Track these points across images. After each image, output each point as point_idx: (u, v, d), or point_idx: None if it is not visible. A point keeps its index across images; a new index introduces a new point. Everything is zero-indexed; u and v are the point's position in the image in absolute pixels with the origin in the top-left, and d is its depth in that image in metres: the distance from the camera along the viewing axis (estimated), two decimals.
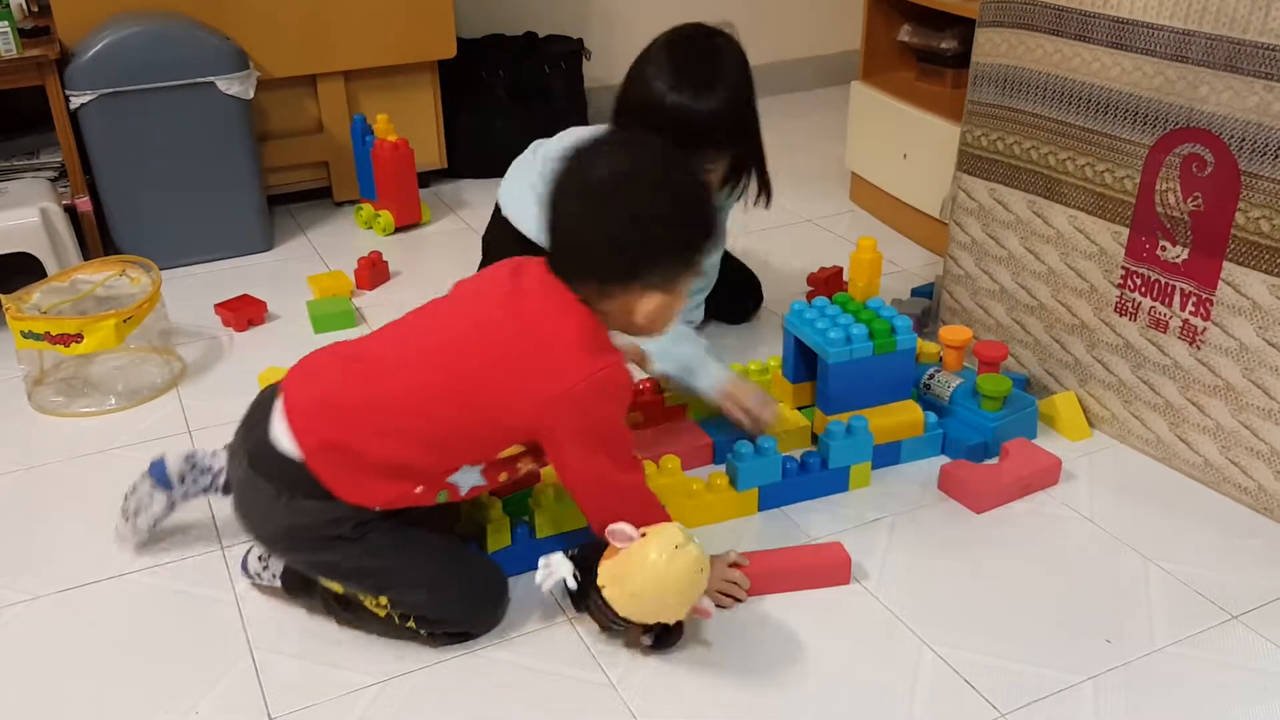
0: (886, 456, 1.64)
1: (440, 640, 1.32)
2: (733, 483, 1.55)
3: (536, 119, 2.85)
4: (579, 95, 3.01)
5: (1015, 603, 1.39)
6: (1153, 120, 1.54)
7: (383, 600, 1.30)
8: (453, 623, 1.32)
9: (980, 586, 1.42)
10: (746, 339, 2.04)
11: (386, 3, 2.55)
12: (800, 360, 1.72)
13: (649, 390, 1.73)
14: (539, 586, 1.26)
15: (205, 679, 1.28)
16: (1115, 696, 1.24)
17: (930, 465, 1.64)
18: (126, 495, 1.46)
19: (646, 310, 1.25)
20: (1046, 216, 1.72)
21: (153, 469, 1.44)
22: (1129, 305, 1.64)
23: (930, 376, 1.74)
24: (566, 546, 1.32)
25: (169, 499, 1.45)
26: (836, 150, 2.85)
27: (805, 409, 1.74)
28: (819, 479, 1.58)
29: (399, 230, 2.58)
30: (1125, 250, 1.62)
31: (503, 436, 1.27)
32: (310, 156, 2.64)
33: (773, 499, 1.56)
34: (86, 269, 1.97)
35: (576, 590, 1.28)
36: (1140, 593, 1.40)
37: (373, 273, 2.30)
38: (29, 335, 1.80)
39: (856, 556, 1.46)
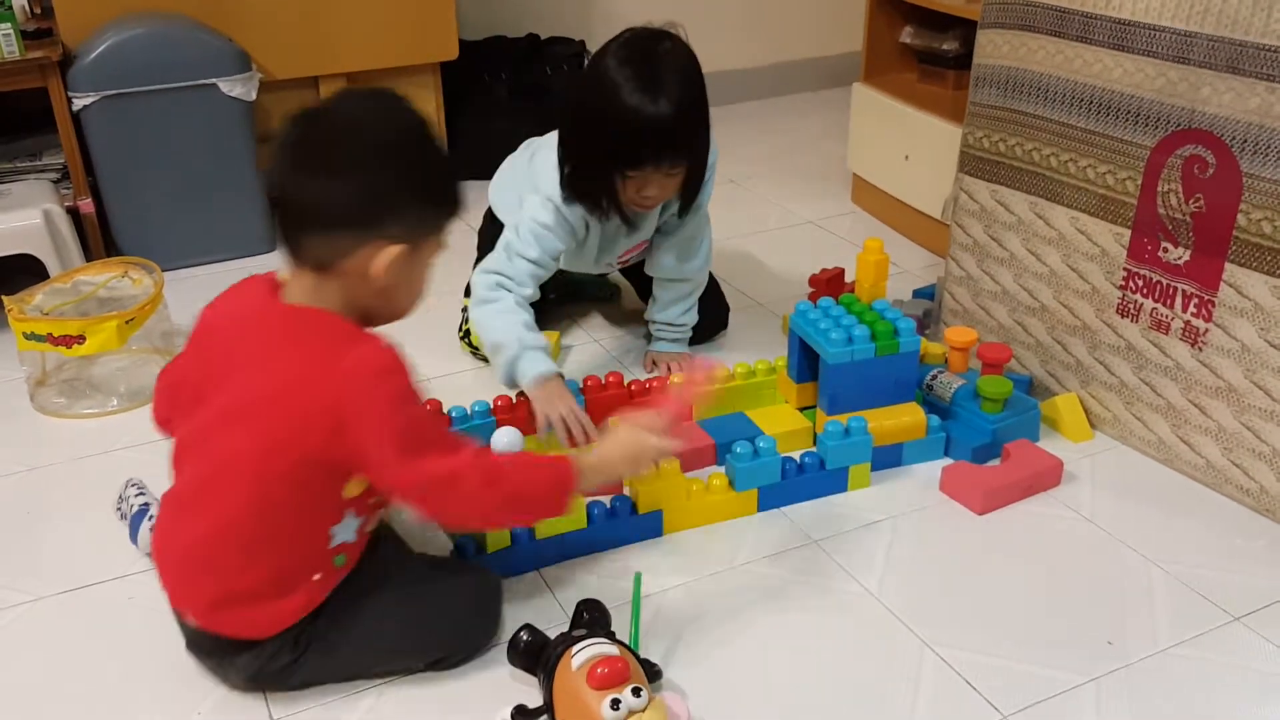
0: (889, 458, 1.64)
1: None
2: (732, 483, 1.55)
3: (538, 121, 2.84)
4: None
5: (1017, 604, 1.39)
6: (1154, 122, 1.54)
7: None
8: (452, 654, 1.28)
9: (982, 588, 1.42)
10: (751, 339, 2.03)
11: (388, 4, 2.55)
12: (804, 360, 1.72)
13: (655, 389, 1.73)
14: None
15: (207, 680, 1.28)
16: (1117, 698, 1.24)
17: (933, 467, 1.64)
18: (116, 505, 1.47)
19: (386, 263, 1.14)
20: (1048, 218, 1.72)
21: (134, 520, 1.45)
22: (1131, 307, 1.64)
23: (933, 378, 1.74)
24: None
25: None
26: (838, 151, 2.85)
27: (808, 409, 1.74)
28: (818, 480, 1.58)
29: None
30: (1127, 252, 1.62)
31: (323, 475, 1.17)
32: None
33: (772, 500, 1.56)
34: (89, 270, 1.97)
35: None
36: (1142, 594, 1.40)
37: None
38: (31, 336, 1.80)
39: (858, 558, 1.46)
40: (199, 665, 1.27)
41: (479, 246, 2.06)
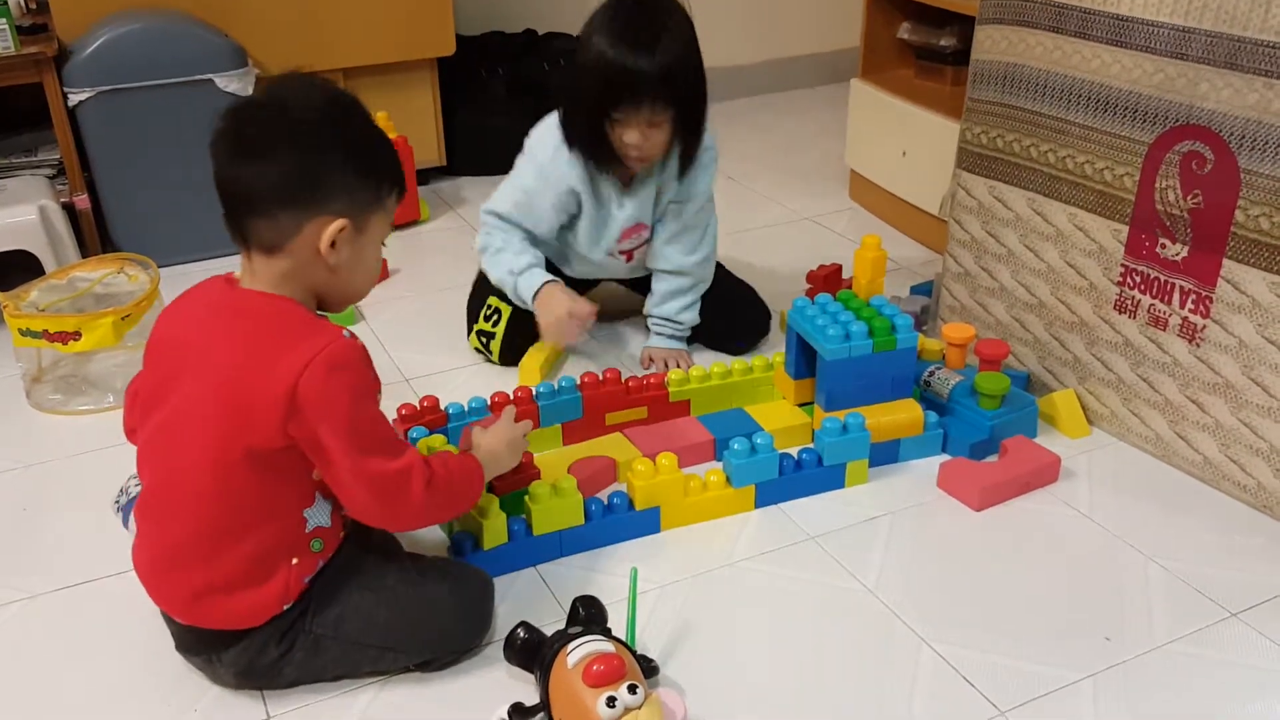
0: (887, 454, 1.64)
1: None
2: (729, 480, 1.54)
3: (536, 116, 2.84)
4: None
5: (1014, 600, 1.39)
6: (1152, 117, 1.54)
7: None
8: (440, 655, 1.28)
9: (979, 584, 1.42)
10: None
11: (385, 0, 2.55)
12: (802, 356, 1.72)
13: (653, 385, 1.73)
14: None
15: (204, 677, 1.28)
16: (1114, 694, 1.24)
17: (930, 463, 1.64)
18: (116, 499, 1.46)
19: (331, 238, 1.15)
20: (1046, 214, 1.72)
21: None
22: (1128, 303, 1.64)
23: (930, 374, 1.74)
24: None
25: None
26: (836, 147, 2.85)
27: (806, 405, 1.74)
28: (815, 476, 1.58)
29: (397, 228, 2.57)
30: (1125, 248, 1.62)
31: (285, 459, 1.16)
32: None
33: (769, 496, 1.56)
34: (85, 266, 1.97)
35: None
36: (1139, 590, 1.40)
37: None
38: (27, 333, 1.80)
39: (856, 555, 1.46)
40: (190, 665, 1.27)
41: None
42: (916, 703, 1.23)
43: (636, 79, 1.64)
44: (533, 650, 1.22)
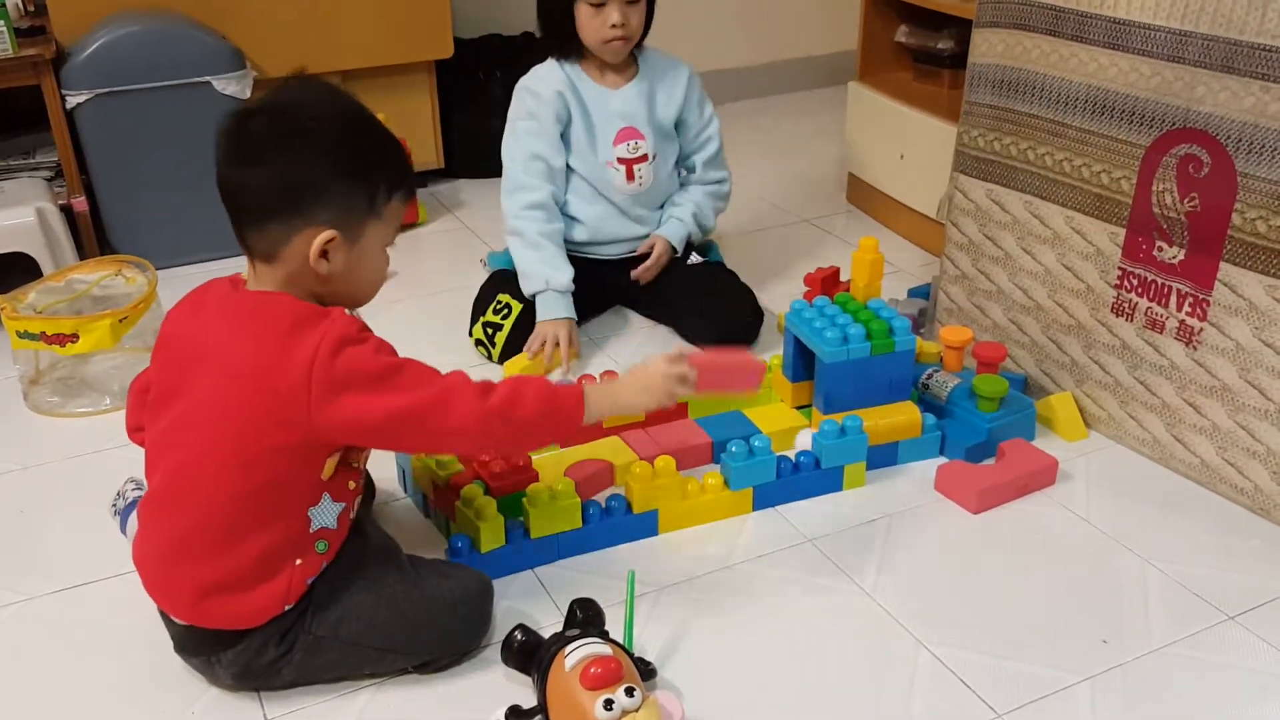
0: (885, 457, 1.64)
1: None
2: (727, 482, 1.54)
3: None
4: None
5: (1012, 603, 1.39)
6: (1149, 121, 1.54)
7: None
8: (439, 656, 1.28)
9: (977, 587, 1.42)
10: None
11: (383, 2, 2.55)
12: (799, 359, 1.72)
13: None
14: None
15: (201, 680, 1.28)
16: (1112, 697, 1.24)
17: (928, 466, 1.64)
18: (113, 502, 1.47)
19: (318, 250, 1.14)
20: (1043, 217, 1.72)
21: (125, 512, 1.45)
22: (1125, 306, 1.64)
23: (928, 377, 1.74)
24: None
25: None
26: (833, 150, 2.85)
27: (804, 408, 1.74)
28: (813, 479, 1.58)
29: None
30: (1122, 251, 1.62)
31: (294, 457, 1.17)
32: None
33: (767, 498, 1.56)
34: (82, 269, 1.97)
35: None
36: (1137, 593, 1.40)
37: None
38: (25, 335, 1.80)
39: (853, 557, 1.46)
40: (188, 667, 1.27)
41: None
42: (914, 705, 1.23)
43: None
44: (530, 652, 1.22)
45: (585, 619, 1.25)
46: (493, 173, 2.90)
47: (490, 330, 1.94)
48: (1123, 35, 1.55)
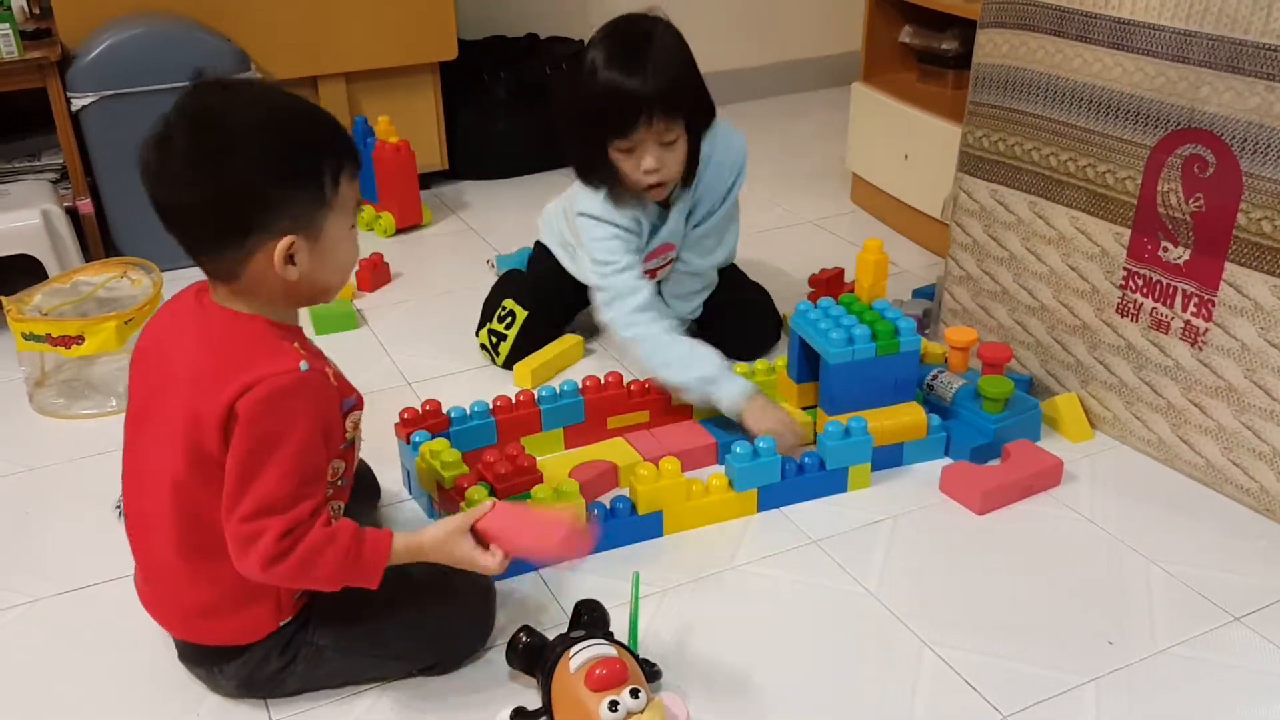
0: (890, 458, 1.64)
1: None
2: (731, 484, 1.54)
3: (537, 120, 2.85)
4: None
5: (1017, 604, 1.39)
6: (1154, 121, 1.54)
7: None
8: (444, 659, 1.28)
9: (982, 588, 1.42)
10: None
11: (388, 4, 2.55)
12: (804, 360, 1.72)
13: (655, 389, 1.73)
14: None
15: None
16: (1117, 698, 1.24)
17: (933, 467, 1.64)
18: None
19: (283, 260, 1.09)
20: (1048, 217, 1.72)
21: None
22: (1131, 306, 1.64)
23: (933, 377, 1.74)
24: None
25: None
26: (837, 151, 2.85)
27: (809, 409, 1.74)
28: (817, 480, 1.58)
29: (400, 232, 2.58)
30: (1127, 251, 1.62)
31: None
32: None
33: (771, 500, 1.56)
34: (88, 271, 1.97)
35: None
36: (1142, 594, 1.40)
37: (374, 274, 2.30)
38: (30, 337, 1.80)
39: (858, 558, 1.46)
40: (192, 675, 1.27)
41: (532, 274, 2.06)
42: (919, 707, 1.23)
43: (634, 101, 1.62)
44: (535, 654, 1.22)
45: (590, 620, 1.25)
46: (496, 174, 2.92)
47: (495, 339, 1.94)
48: (1127, 35, 1.55)
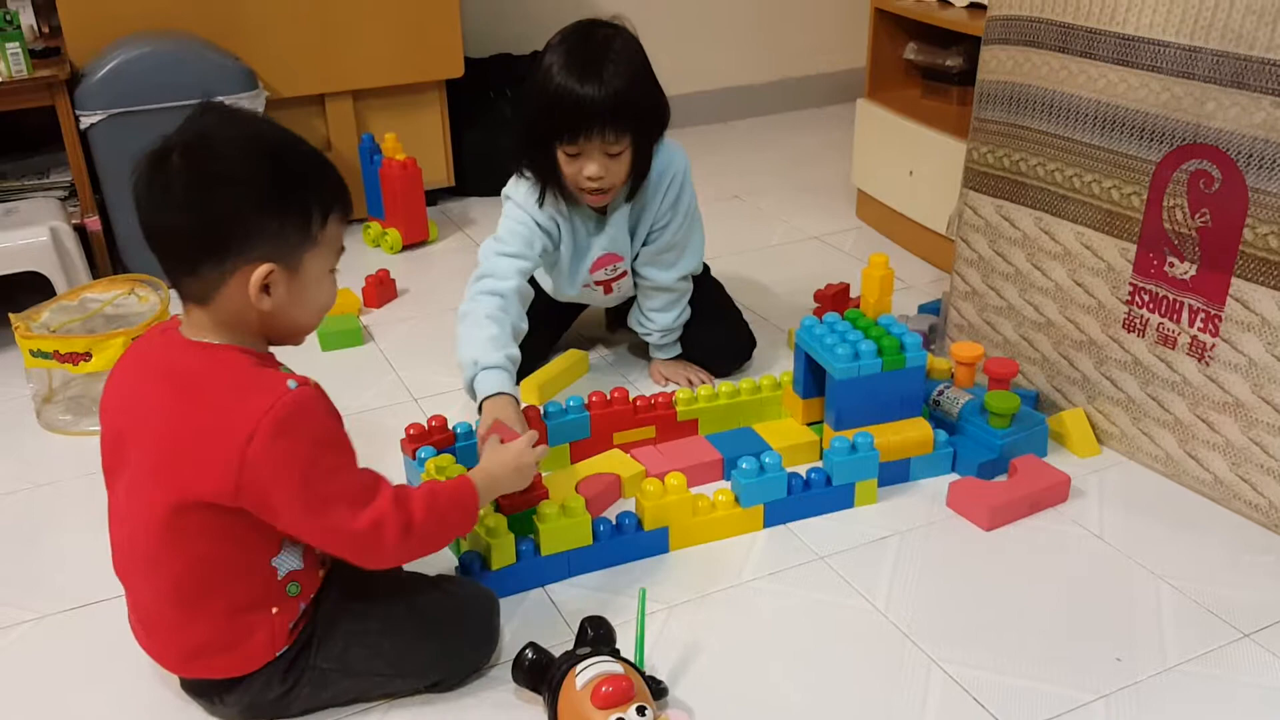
0: (896, 474, 1.64)
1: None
2: (738, 499, 1.54)
3: None
4: None
5: (1025, 620, 1.38)
6: (1160, 136, 1.54)
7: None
8: (449, 676, 1.27)
9: (989, 604, 1.41)
10: (756, 354, 2.02)
11: (395, 23, 2.56)
12: (810, 376, 1.72)
13: (661, 404, 1.73)
14: None
15: None
16: (1126, 715, 1.23)
17: (940, 482, 1.64)
18: None
19: (258, 287, 1.09)
20: (1054, 233, 1.72)
21: None
22: (1137, 322, 1.64)
23: (940, 393, 1.73)
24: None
25: None
26: (843, 167, 2.85)
27: (815, 425, 1.73)
28: (824, 496, 1.58)
29: (407, 248, 2.58)
30: (1133, 267, 1.62)
31: (243, 517, 1.12)
32: None
33: (778, 515, 1.56)
34: (95, 288, 1.98)
35: None
36: (1150, 610, 1.39)
37: (380, 290, 2.30)
38: (38, 354, 1.81)
39: (865, 574, 1.46)
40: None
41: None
42: None
43: (585, 108, 1.62)
44: (541, 671, 1.21)
45: (596, 637, 1.25)
46: (501, 191, 2.93)
47: None
48: (1131, 51, 1.55)
